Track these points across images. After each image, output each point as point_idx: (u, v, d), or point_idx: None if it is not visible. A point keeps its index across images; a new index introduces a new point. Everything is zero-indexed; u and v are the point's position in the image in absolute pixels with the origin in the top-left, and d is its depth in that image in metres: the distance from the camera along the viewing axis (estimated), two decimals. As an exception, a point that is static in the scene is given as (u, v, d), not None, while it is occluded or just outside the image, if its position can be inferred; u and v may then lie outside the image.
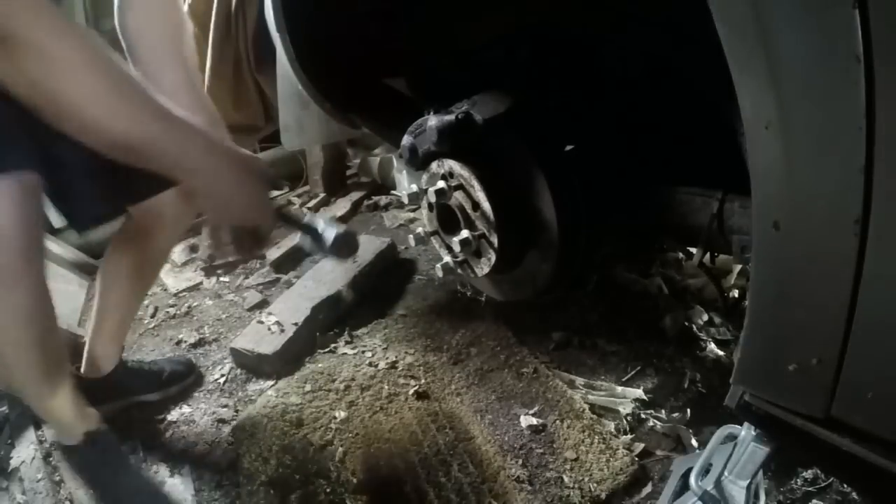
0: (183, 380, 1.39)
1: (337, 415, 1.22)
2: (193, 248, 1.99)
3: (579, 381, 1.33)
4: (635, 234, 1.28)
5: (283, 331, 1.46)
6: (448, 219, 1.18)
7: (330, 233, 0.94)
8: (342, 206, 2.35)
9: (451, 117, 1.00)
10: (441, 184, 1.12)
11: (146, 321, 1.68)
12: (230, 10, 1.72)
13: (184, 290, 1.82)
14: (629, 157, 1.13)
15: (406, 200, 1.24)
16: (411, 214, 2.24)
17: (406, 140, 1.11)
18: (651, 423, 1.21)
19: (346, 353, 1.45)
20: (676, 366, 1.35)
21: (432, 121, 1.02)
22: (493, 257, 1.11)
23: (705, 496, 0.84)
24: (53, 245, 1.77)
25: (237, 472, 1.13)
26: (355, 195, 2.43)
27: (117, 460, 1.12)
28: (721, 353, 1.38)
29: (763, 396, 0.63)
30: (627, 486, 1.07)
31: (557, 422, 1.19)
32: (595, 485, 1.06)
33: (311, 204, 2.41)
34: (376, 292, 1.71)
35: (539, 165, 1.06)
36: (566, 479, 1.07)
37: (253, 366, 1.44)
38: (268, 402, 1.29)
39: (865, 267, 0.48)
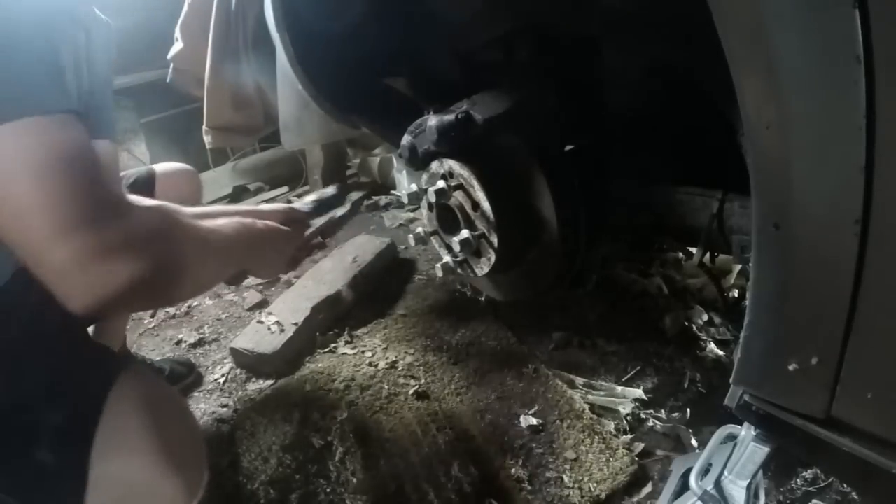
0: (183, 380, 1.39)
1: (337, 415, 1.22)
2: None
3: (579, 381, 1.32)
4: (635, 234, 1.28)
5: (282, 331, 1.46)
6: (448, 219, 1.18)
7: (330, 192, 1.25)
8: (342, 206, 2.35)
9: (451, 117, 0.99)
10: (441, 183, 1.12)
11: (146, 321, 1.68)
12: (230, 10, 1.72)
13: (184, 290, 1.82)
14: (629, 157, 1.13)
15: (406, 200, 1.24)
16: (411, 214, 2.24)
17: (406, 140, 1.11)
18: (651, 423, 1.21)
19: (346, 353, 1.45)
20: (676, 366, 1.35)
21: (432, 121, 1.02)
22: (492, 257, 1.11)
23: (705, 496, 0.84)
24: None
25: (237, 471, 1.13)
26: (355, 195, 2.43)
27: None
28: (721, 353, 1.38)
29: (763, 396, 0.63)
30: (627, 486, 1.07)
31: (557, 422, 1.19)
32: (595, 485, 1.06)
33: (310, 204, 2.41)
34: (376, 292, 1.71)
35: (539, 165, 1.06)
36: (566, 479, 1.07)
37: (253, 366, 1.44)
38: (268, 402, 1.29)
39: (865, 267, 0.48)
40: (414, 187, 1.21)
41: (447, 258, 1.20)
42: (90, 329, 1.09)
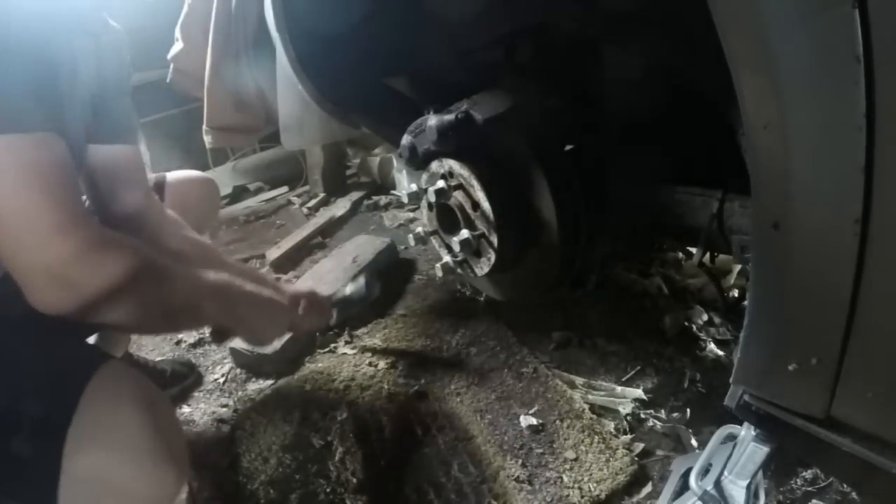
0: (183, 380, 1.39)
1: (337, 415, 1.22)
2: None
3: (579, 381, 1.32)
4: (635, 234, 1.28)
5: (283, 331, 1.46)
6: (448, 219, 1.18)
7: (359, 285, 1.37)
8: (342, 206, 2.35)
9: (451, 117, 1.00)
10: (441, 183, 1.12)
11: (146, 321, 1.68)
12: (230, 10, 1.72)
13: (184, 290, 1.81)
14: (629, 157, 1.13)
15: (406, 200, 1.24)
16: (411, 214, 2.24)
17: (406, 140, 1.11)
18: (651, 423, 1.21)
19: (346, 353, 1.45)
20: (676, 366, 1.35)
21: (432, 120, 1.02)
22: (492, 257, 1.11)
23: (705, 496, 0.84)
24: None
25: (237, 471, 1.13)
26: (355, 195, 2.43)
27: None
28: (721, 353, 1.38)
29: (763, 396, 0.63)
30: (627, 486, 1.06)
31: (557, 422, 1.19)
32: (595, 485, 1.06)
33: (311, 204, 2.41)
34: (376, 292, 1.71)
35: (539, 165, 1.06)
36: (566, 479, 1.07)
37: (253, 366, 1.44)
38: (268, 402, 1.29)
39: (865, 267, 0.48)
40: (414, 187, 1.22)
41: (447, 258, 1.21)
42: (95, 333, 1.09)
